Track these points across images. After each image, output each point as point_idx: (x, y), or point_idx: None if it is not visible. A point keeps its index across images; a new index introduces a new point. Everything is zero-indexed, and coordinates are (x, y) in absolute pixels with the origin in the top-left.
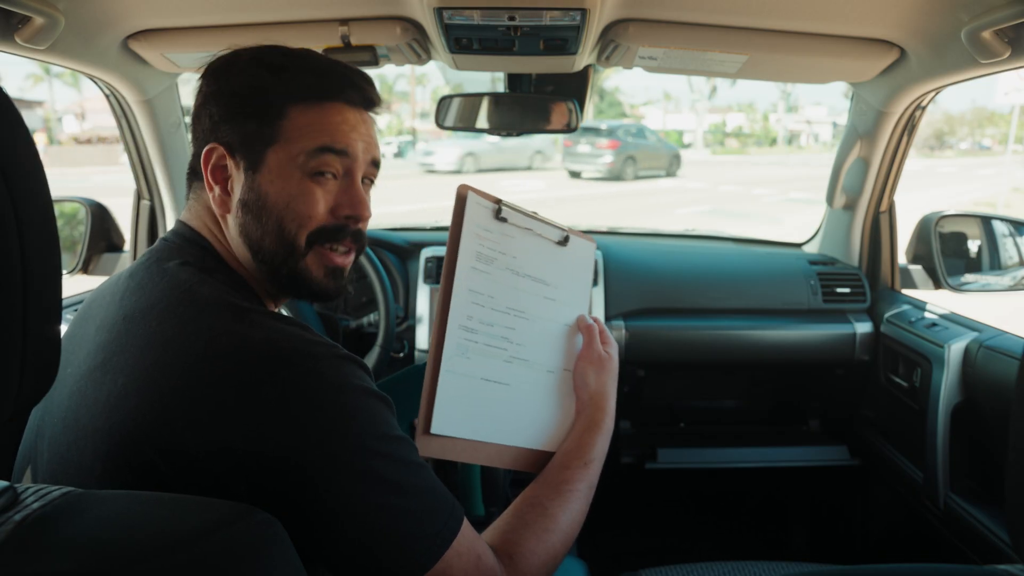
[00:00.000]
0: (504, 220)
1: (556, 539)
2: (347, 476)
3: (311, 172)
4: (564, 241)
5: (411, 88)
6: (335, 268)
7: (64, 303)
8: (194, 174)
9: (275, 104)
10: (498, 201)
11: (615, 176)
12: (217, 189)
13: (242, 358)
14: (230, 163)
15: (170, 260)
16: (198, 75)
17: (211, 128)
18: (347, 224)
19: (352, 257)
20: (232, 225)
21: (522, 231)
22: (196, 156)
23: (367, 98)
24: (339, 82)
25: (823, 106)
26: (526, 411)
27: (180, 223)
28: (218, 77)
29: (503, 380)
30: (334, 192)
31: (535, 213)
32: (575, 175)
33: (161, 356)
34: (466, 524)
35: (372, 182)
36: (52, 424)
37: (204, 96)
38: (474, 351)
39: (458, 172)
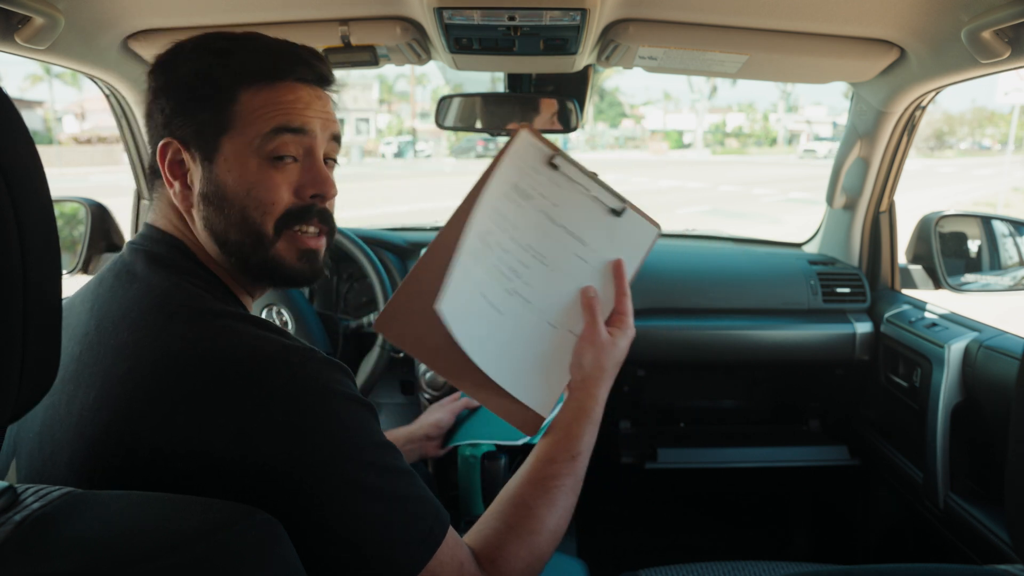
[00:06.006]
0: (555, 168)
1: (542, 540)
2: (331, 484)
3: (269, 156)
4: (619, 212)
5: (411, 88)
6: (308, 251)
7: (64, 303)
8: (153, 172)
9: (224, 89)
10: (556, 150)
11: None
12: (177, 185)
13: (219, 365)
14: (186, 156)
15: (140, 264)
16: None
17: (164, 123)
18: (313, 203)
19: (324, 241)
20: (197, 220)
21: (572, 183)
22: (152, 154)
23: (320, 75)
24: (289, 60)
25: (823, 106)
26: (512, 351)
27: (146, 226)
28: (165, 70)
29: (497, 306)
30: (296, 174)
31: (595, 174)
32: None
33: (134, 366)
34: (451, 531)
35: (335, 161)
36: (28, 438)
37: (154, 92)
38: (482, 264)
39: None
